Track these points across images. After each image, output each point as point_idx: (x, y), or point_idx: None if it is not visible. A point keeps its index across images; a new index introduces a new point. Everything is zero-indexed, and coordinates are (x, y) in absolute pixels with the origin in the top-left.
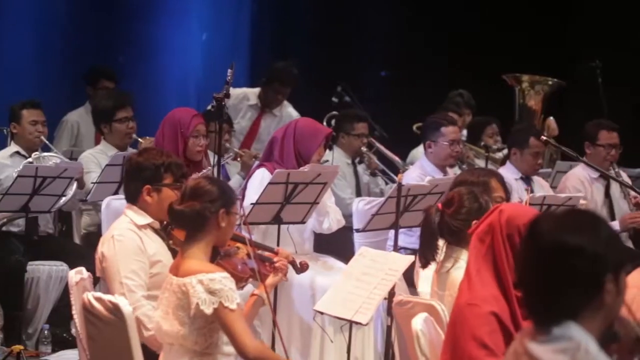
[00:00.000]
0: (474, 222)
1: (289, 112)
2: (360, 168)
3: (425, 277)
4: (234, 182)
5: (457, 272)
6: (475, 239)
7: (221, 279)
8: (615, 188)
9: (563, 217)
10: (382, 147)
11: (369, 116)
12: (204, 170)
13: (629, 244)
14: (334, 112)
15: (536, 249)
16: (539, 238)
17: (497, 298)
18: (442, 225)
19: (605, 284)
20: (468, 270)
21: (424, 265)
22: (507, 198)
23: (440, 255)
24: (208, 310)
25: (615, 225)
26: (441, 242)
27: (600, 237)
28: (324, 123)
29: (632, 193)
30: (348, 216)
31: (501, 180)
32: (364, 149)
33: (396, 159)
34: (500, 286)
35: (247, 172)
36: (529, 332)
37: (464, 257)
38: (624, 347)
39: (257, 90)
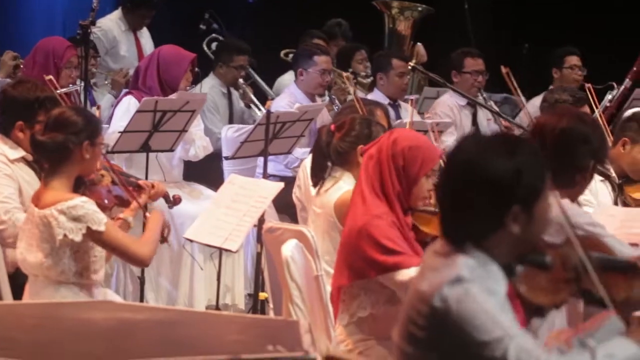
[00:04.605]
0: (359, 147)
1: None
2: (235, 96)
3: None
4: (106, 101)
5: (335, 193)
6: (365, 157)
7: (82, 204)
8: (482, 115)
9: (485, 141)
10: (259, 79)
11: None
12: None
13: None
14: (215, 36)
15: (451, 164)
16: (455, 155)
17: (388, 213)
18: (330, 146)
19: (509, 214)
20: (360, 189)
21: (315, 183)
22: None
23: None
24: (77, 237)
25: None
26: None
27: (509, 169)
28: (204, 46)
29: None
30: (218, 150)
31: (386, 112)
32: (241, 80)
33: (270, 91)
34: (388, 203)
35: (118, 91)
36: (434, 247)
37: (345, 178)
38: (558, 276)
39: (115, 15)
